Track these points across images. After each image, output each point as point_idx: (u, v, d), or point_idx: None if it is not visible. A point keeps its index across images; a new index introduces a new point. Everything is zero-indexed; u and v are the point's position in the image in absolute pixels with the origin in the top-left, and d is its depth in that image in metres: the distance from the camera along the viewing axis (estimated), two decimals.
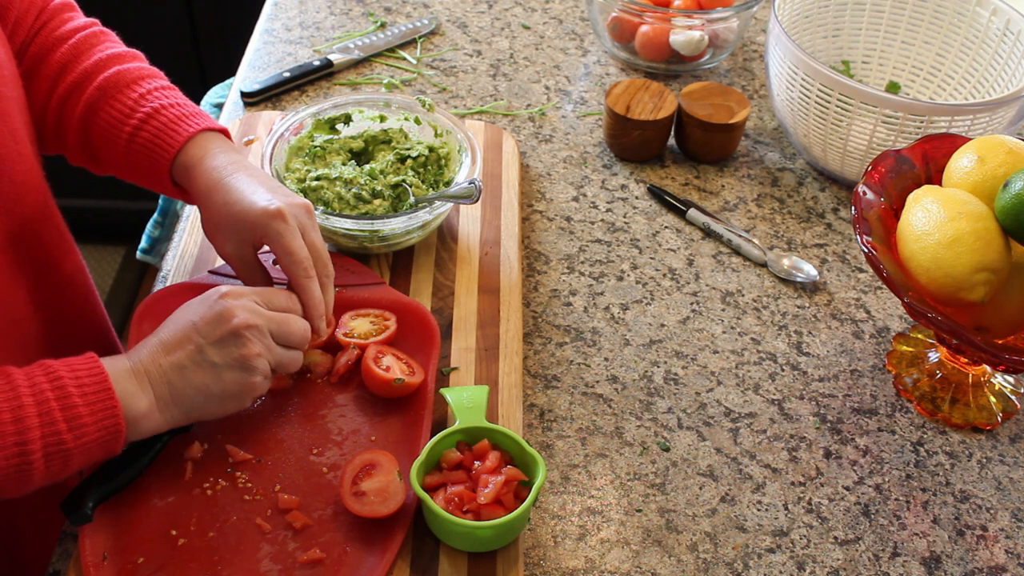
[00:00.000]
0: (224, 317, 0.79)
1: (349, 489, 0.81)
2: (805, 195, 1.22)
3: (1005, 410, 0.99)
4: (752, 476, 0.92)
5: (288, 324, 0.83)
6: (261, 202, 0.84)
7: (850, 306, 1.09)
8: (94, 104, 0.91)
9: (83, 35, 0.94)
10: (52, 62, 0.92)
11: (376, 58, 1.37)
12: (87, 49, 0.93)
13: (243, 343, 0.79)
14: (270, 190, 0.86)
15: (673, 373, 1.00)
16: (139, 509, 0.82)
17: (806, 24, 1.29)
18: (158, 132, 0.90)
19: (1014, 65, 1.18)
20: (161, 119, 0.90)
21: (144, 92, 0.92)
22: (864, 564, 0.86)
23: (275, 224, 0.83)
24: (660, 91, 1.24)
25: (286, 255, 0.84)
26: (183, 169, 0.89)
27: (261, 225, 0.84)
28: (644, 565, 0.85)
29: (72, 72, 0.91)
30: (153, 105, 0.91)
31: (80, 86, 0.91)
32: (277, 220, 0.83)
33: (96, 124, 0.91)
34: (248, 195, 0.85)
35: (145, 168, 0.91)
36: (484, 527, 0.79)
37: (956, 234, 0.88)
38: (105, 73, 0.91)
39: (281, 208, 0.84)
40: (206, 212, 0.88)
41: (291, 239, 0.84)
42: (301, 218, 0.86)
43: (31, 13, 0.93)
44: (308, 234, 0.86)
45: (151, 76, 0.94)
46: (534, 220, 1.16)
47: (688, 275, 1.11)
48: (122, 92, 0.91)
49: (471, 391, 0.89)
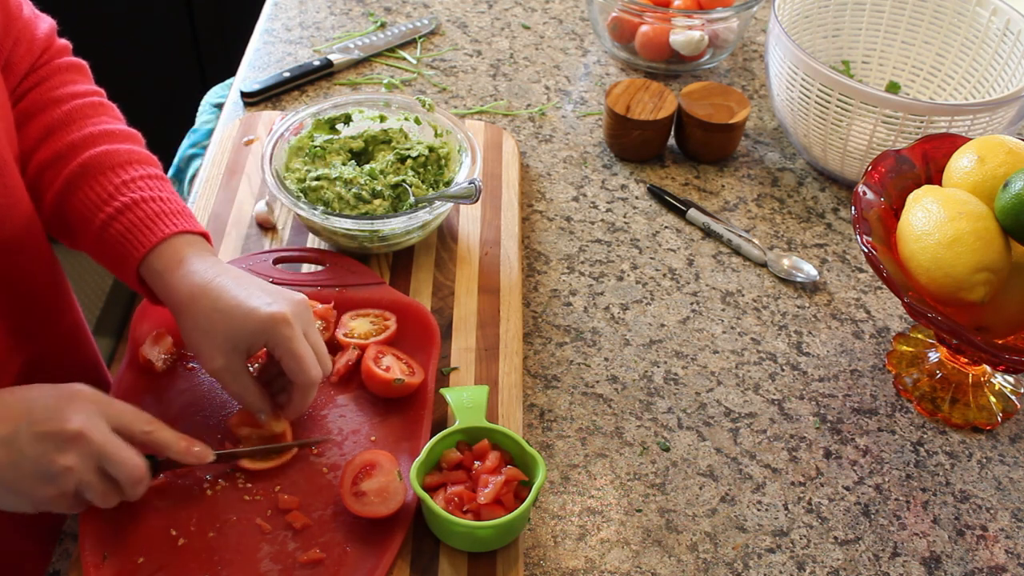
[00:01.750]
0: (60, 414, 0.72)
1: (349, 489, 0.81)
2: (805, 195, 1.22)
3: (1005, 410, 0.99)
4: (752, 476, 0.92)
5: (119, 457, 0.73)
6: (264, 307, 0.79)
7: (850, 306, 1.09)
8: (73, 182, 0.85)
9: (80, 103, 0.88)
10: (39, 124, 0.86)
11: (376, 58, 1.37)
12: (80, 119, 0.87)
13: (61, 449, 0.71)
14: (266, 293, 0.81)
15: (673, 373, 1.00)
16: (139, 509, 0.82)
17: (806, 24, 1.29)
18: (131, 227, 0.83)
19: (1014, 65, 1.18)
20: (138, 213, 0.84)
21: (127, 180, 0.85)
22: (864, 564, 0.86)
23: (282, 330, 0.79)
24: (660, 91, 1.24)
25: (295, 361, 0.80)
26: (156, 274, 0.83)
27: (266, 331, 0.79)
28: (644, 565, 0.85)
29: (58, 141, 0.86)
30: (133, 196, 0.84)
31: (63, 158, 0.85)
32: (284, 326, 0.79)
33: (72, 204, 0.85)
34: (245, 300, 0.80)
35: (115, 261, 0.85)
36: (484, 527, 0.79)
37: (956, 234, 0.88)
38: (91, 151, 0.85)
39: (286, 313, 0.79)
40: (190, 320, 0.81)
41: (299, 344, 0.80)
42: (303, 317, 0.82)
43: (26, 60, 0.88)
44: (310, 335, 0.82)
45: (140, 162, 0.87)
46: (534, 220, 1.16)
47: (688, 275, 1.11)
48: (104, 175, 0.85)
49: (471, 391, 0.89)
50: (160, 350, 0.92)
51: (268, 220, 1.08)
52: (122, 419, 0.75)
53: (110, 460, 0.73)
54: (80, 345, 1.03)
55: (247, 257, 1.03)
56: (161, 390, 0.91)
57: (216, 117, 1.49)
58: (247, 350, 0.81)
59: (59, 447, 0.71)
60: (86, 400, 0.74)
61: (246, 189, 1.13)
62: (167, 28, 2.28)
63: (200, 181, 1.14)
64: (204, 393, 0.91)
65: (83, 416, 0.72)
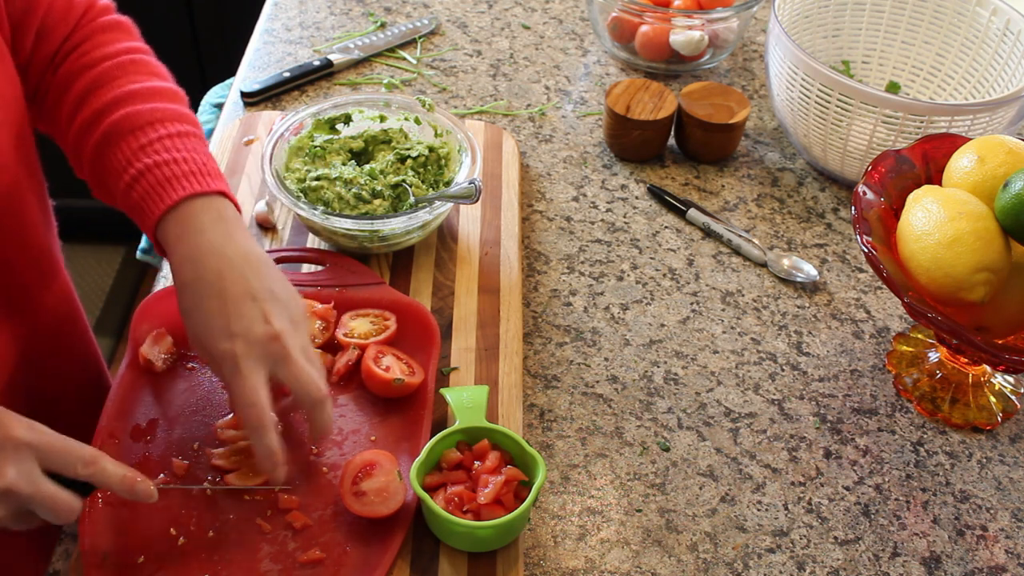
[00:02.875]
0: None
1: (349, 489, 0.81)
2: (805, 195, 1.22)
3: (1005, 410, 0.99)
4: (752, 476, 0.92)
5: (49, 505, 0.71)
6: (221, 339, 0.76)
7: (850, 306, 1.09)
8: (100, 150, 0.84)
9: (109, 64, 0.87)
10: (75, 91, 0.85)
11: (376, 58, 1.37)
12: (107, 82, 0.85)
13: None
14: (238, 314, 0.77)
15: (673, 373, 1.00)
16: (139, 509, 0.82)
17: (806, 24, 1.29)
18: (144, 196, 0.82)
19: (1014, 65, 1.18)
20: (149, 179, 0.82)
21: (145, 143, 0.83)
22: (864, 564, 0.86)
23: (228, 366, 0.76)
24: (660, 91, 1.24)
25: (235, 400, 0.76)
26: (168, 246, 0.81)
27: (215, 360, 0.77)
28: (644, 565, 0.85)
29: (87, 108, 0.85)
30: (148, 161, 0.82)
31: (91, 127, 0.84)
32: (230, 363, 0.75)
33: (101, 172, 0.85)
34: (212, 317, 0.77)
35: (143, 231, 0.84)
36: (484, 527, 0.79)
37: (956, 234, 0.88)
38: (113, 115, 0.84)
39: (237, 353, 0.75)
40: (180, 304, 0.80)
41: (241, 386, 0.75)
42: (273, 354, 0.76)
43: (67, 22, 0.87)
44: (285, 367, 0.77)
45: (163, 120, 0.85)
46: (534, 220, 1.16)
47: (688, 275, 1.11)
48: (125, 140, 0.83)
49: (471, 391, 0.89)
50: (160, 350, 0.92)
51: (268, 220, 1.08)
52: (57, 459, 0.71)
53: (40, 507, 0.71)
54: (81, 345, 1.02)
55: None
56: (161, 390, 0.91)
57: (216, 117, 1.49)
58: None
59: None
60: (17, 446, 0.69)
61: (246, 189, 1.13)
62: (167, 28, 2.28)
63: None
64: (204, 393, 0.91)
65: (12, 469, 0.68)
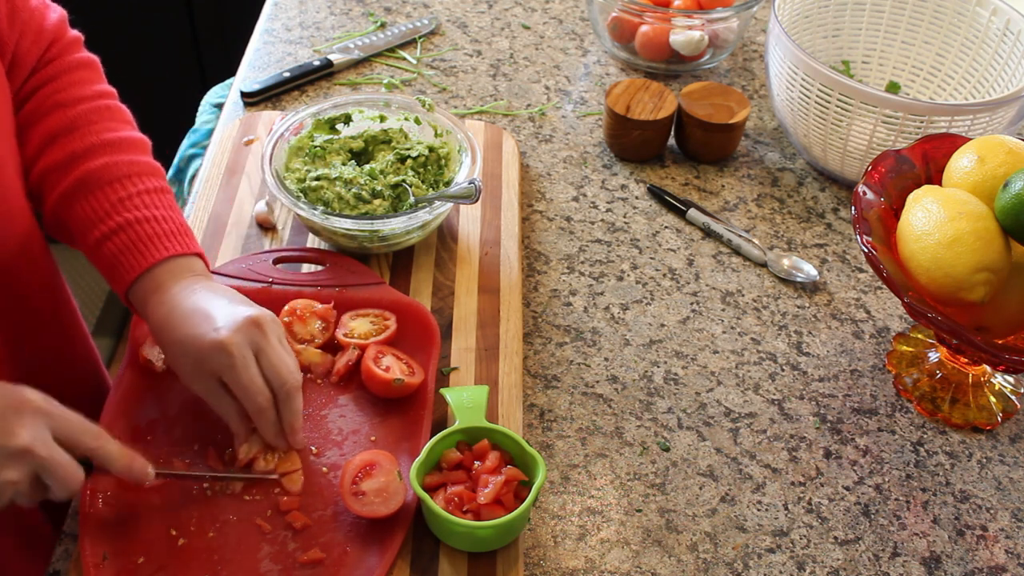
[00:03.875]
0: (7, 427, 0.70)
1: (349, 489, 0.81)
2: (805, 195, 1.22)
3: (1005, 410, 0.99)
4: (752, 476, 0.92)
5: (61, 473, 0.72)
6: (207, 335, 0.78)
7: (850, 306, 1.09)
8: (70, 195, 0.84)
9: (85, 108, 0.87)
10: (44, 129, 0.85)
11: (376, 58, 1.37)
12: (84, 126, 0.86)
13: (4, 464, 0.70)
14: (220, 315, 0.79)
15: (673, 373, 1.00)
16: (139, 509, 0.82)
17: (806, 24, 1.29)
18: (123, 249, 0.83)
19: (1014, 65, 1.18)
20: (130, 235, 0.83)
21: (124, 196, 0.84)
22: (864, 564, 0.86)
23: (220, 359, 0.78)
24: (660, 91, 1.24)
25: (236, 390, 0.79)
26: (139, 301, 0.84)
27: (208, 360, 0.78)
28: (644, 565, 0.85)
29: (60, 149, 0.84)
30: (128, 216, 0.83)
31: (62, 168, 0.84)
32: (221, 354, 0.77)
33: (68, 216, 0.85)
34: (195, 328, 0.79)
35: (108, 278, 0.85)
36: (484, 527, 0.79)
37: (956, 234, 0.88)
38: (91, 163, 0.84)
39: (225, 340, 0.77)
40: (165, 350, 0.83)
41: (239, 372, 0.78)
42: (255, 340, 0.79)
43: (33, 53, 0.86)
44: (264, 356, 0.79)
45: (139, 175, 0.86)
46: (534, 220, 1.16)
47: (688, 275, 1.11)
48: (102, 190, 0.84)
49: (471, 391, 0.89)
50: (160, 350, 0.92)
51: (268, 220, 1.08)
52: (70, 432, 0.73)
53: (51, 474, 0.72)
54: (78, 349, 1.03)
55: (247, 257, 1.02)
56: (161, 390, 0.91)
57: (216, 117, 1.49)
58: (214, 375, 0.80)
59: (3, 461, 0.69)
60: (35, 411, 0.71)
61: (246, 189, 1.13)
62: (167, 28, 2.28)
63: (200, 181, 1.14)
64: None
65: (30, 430, 0.70)
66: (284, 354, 0.81)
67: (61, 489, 0.73)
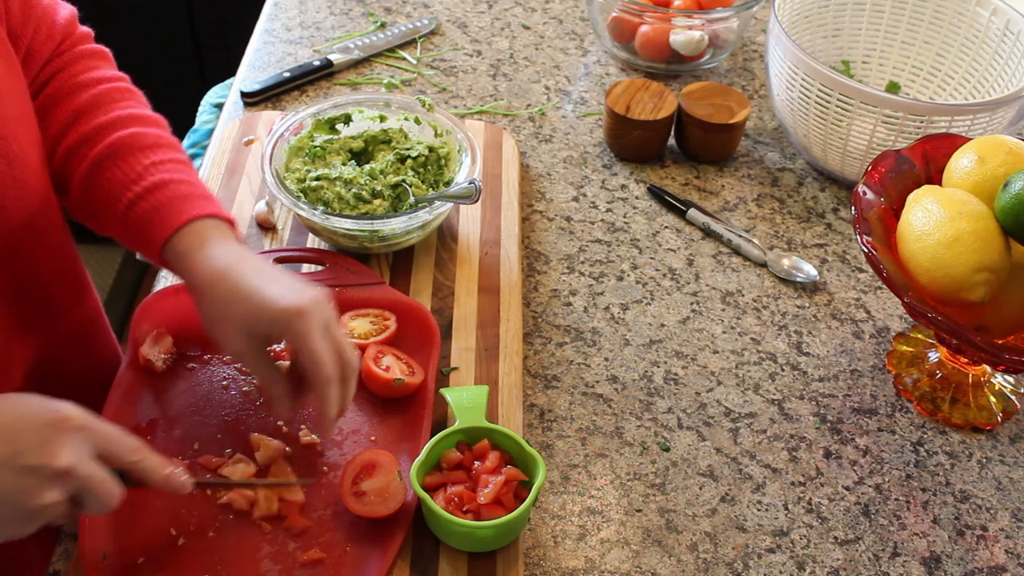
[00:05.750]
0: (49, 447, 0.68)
1: (349, 489, 0.81)
2: (805, 195, 1.22)
3: (1005, 410, 0.99)
4: (752, 476, 0.92)
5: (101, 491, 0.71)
6: (283, 299, 0.77)
7: (850, 306, 1.09)
8: (100, 163, 0.84)
9: (106, 87, 0.88)
10: (67, 109, 0.86)
11: (376, 58, 1.37)
12: (107, 103, 0.87)
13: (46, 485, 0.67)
14: (286, 283, 0.79)
15: (673, 373, 1.00)
16: (139, 509, 0.82)
17: (806, 24, 1.29)
18: (157, 207, 0.83)
19: (1014, 65, 1.18)
20: (164, 194, 0.83)
21: (155, 161, 0.85)
22: (864, 564, 0.86)
23: (299, 324, 0.76)
24: (660, 91, 1.24)
25: (310, 357, 0.77)
26: (177, 254, 0.82)
27: (282, 322, 0.77)
28: (644, 565, 0.85)
29: (86, 124, 0.85)
30: (161, 177, 0.84)
31: (91, 140, 0.85)
32: (302, 319, 0.76)
33: (98, 184, 0.85)
34: (264, 289, 0.78)
35: (139, 241, 0.84)
36: (484, 527, 0.79)
37: (956, 234, 0.88)
38: (119, 132, 0.85)
39: (305, 306, 0.77)
40: (209, 303, 0.81)
41: (317, 340, 0.77)
42: (325, 313, 0.79)
43: (47, 47, 0.87)
44: (331, 330, 0.79)
45: (168, 146, 0.87)
46: (534, 220, 1.16)
47: (688, 275, 1.11)
48: (133, 156, 0.84)
49: (471, 391, 0.89)
50: (160, 350, 0.92)
51: (268, 220, 1.08)
52: (110, 447, 0.72)
53: (91, 493, 0.70)
54: (96, 339, 1.02)
55: None
56: (161, 390, 0.91)
57: (216, 117, 1.49)
58: (265, 338, 0.80)
59: (44, 483, 0.67)
60: (75, 429, 0.69)
61: (246, 189, 1.13)
62: (167, 28, 2.28)
63: None
64: (204, 393, 0.91)
65: (71, 450, 0.68)
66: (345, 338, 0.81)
67: (100, 507, 0.72)
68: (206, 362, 0.93)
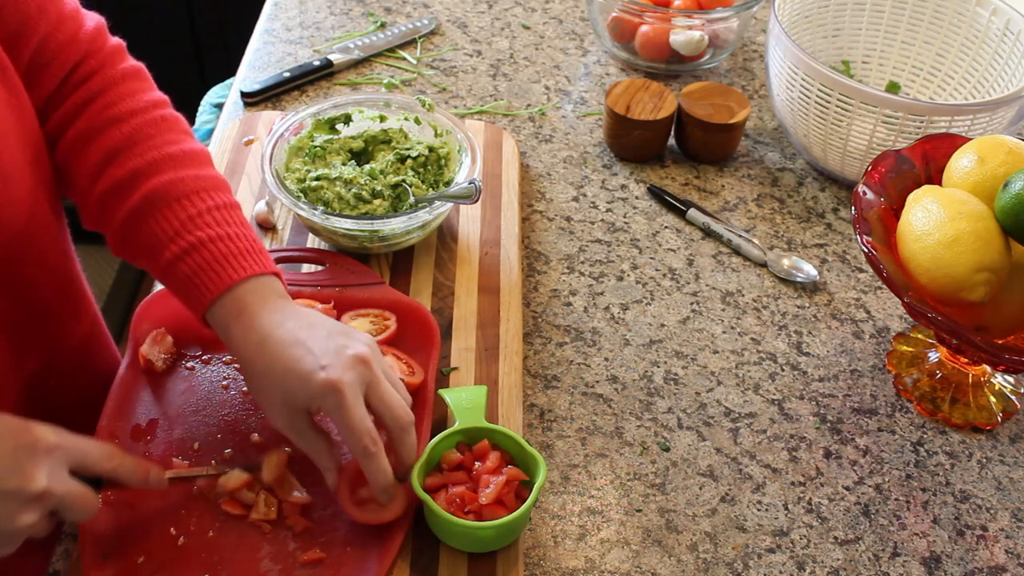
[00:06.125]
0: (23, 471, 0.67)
1: (349, 498, 0.81)
2: (805, 195, 1.22)
3: (1005, 410, 0.99)
4: (752, 476, 0.92)
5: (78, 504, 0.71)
6: (317, 374, 0.75)
7: (850, 306, 1.09)
8: (137, 215, 0.81)
9: (141, 121, 0.83)
10: (101, 146, 0.82)
11: (376, 58, 1.37)
12: (143, 140, 0.82)
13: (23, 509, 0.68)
14: (323, 350, 0.77)
15: (673, 373, 1.00)
16: (139, 509, 0.82)
17: (806, 24, 1.29)
18: (193, 274, 0.79)
19: (1014, 65, 1.18)
20: (202, 256, 0.80)
21: (195, 213, 0.81)
22: (864, 564, 0.86)
23: (331, 399, 0.75)
24: (660, 91, 1.24)
25: (345, 431, 0.76)
26: (219, 326, 0.80)
27: (315, 398, 0.76)
28: (644, 565, 0.85)
29: (121, 167, 0.81)
30: (201, 235, 0.80)
31: (127, 187, 0.81)
32: (333, 394, 0.75)
33: (138, 236, 0.81)
34: (298, 362, 0.76)
35: (183, 300, 0.82)
36: (486, 527, 0.79)
37: (956, 234, 0.88)
38: (155, 179, 0.81)
39: (337, 380, 0.75)
40: (250, 378, 0.80)
41: (350, 414, 0.75)
42: (365, 378, 0.77)
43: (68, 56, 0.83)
44: (374, 392, 0.77)
45: (207, 190, 0.83)
46: (534, 220, 1.16)
47: (688, 275, 1.11)
48: (170, 208, 0.80)
49: (470, 392, 0.89)
50: (160, 350, 0.92)
51: (268, 220, 1.08)
52: (85, 460, 0.72)
53: (69, 509, 0.71)
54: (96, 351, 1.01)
55: None
56: (161, 390, 0.91)
57: (216, 117, 1.49)
58: (306, 410, 0.78)
59: (22, 507, 0.68)
60: (48, 450, 0.69)
61: (246, 189, 1.13)
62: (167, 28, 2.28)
63: None
64: (204, 393, 0.91)
65: (45, 472, 0.68)
66: (393, 390, 0.79)
67: (81, 518, 0.72)
68: (206, 362, 0.93)
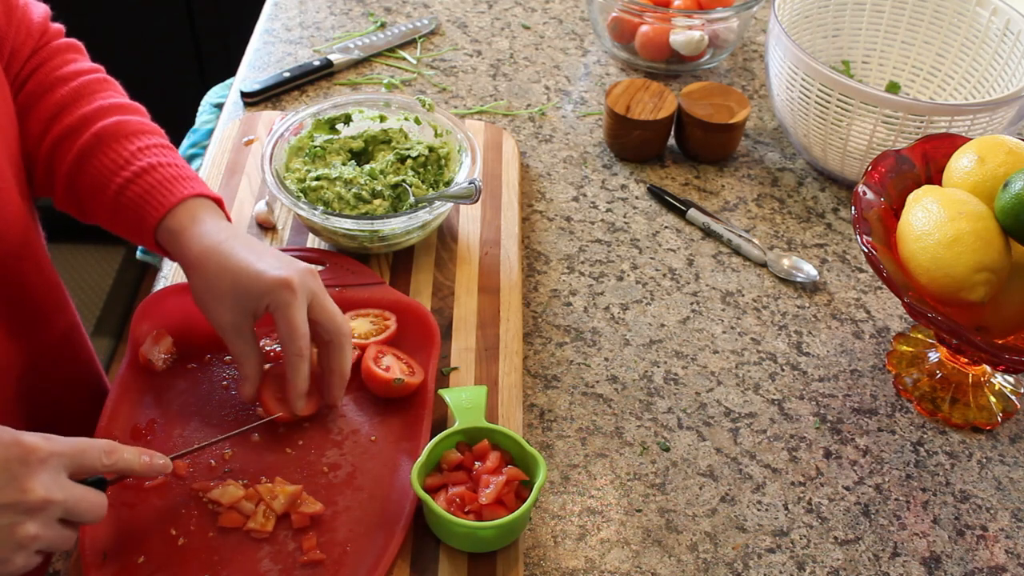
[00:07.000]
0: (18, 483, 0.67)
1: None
2: (805, 195, 1.22)
3: (1005, 410, 0.99)
4: (752, 476, 0.92)
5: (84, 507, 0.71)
6: (270, 271, 0.81)
7: (850, 306, 1.09)
8: (88, 151, 0.87)
9: (86, 79, 0.90)
10: (49, 103, 0.88)
11: (376, 58, 1.37)
12: (88, 94, 0.89)
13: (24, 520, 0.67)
14: (275, 258, 0.83)
15: (673, 373, 1.00)
16: (139, 509, 0.82)
17: (806, 24, 1.29)
18: (149, 190, 0.85)
19: (1014, 65, 1.18)
20: (154, 177, 0.86)
21: (141, 147, 0.88)
22: (864, 564, 0.86)
23: (283, 294, 0.80)
24: (660, 91, 1.24)
25: (287, 328, 0.81)
26: (170, 233, 0.85)
27: (267, 294, 0.80)
28: (644, 565, 0.85)
29: (70, 115, 0.88)
30: (148, 161, 0.87)
31: (76, 131, 0.87)
32: (285, 290, 0.80)
33: (86, 172, 0.87)
34: (254, 263, 0.82)
35: (131, 224, 0.87)
36: (486, 527, 0.79)
37: (956, 234, 0.88)
38: (104, 121, 0.88)
39: (290, 278, 0.80)
40: (200, 279, 0.84)
41: (296, 312, 0.80)
42: (311, 286, 0.82)
43: (27, 46, 0.89)
44: (319, 302, 0.83)
45: (151, 132, 0.90)
46: (534, 220, 1.16)
47: (688, 275, 1.11)
48: (118, 143, 0.87)
49: (470, 392, 0.89)
50: (160, 350, 0.92)
51: (268, 220, 1.08)
52: (83, 461, 0.71)
53: (75, 511, 0.70)
54: (76, 348, 1.03)
55: None
56: (161, 390, 0.91)
57: (216, 117, 1.49)
58: (253, 312, 0.82)
59: (23, 518, 0.67)
60: (42, 459, 0.68)
61: (246, 189, 1.13)
62: (167, 28, 2.28)
63: None
64: (204, 393, 0.91)
65: (43, 479, 0.68)
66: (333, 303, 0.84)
67: (91, 520, 0.72)
68: (206, 362, 0.93)
